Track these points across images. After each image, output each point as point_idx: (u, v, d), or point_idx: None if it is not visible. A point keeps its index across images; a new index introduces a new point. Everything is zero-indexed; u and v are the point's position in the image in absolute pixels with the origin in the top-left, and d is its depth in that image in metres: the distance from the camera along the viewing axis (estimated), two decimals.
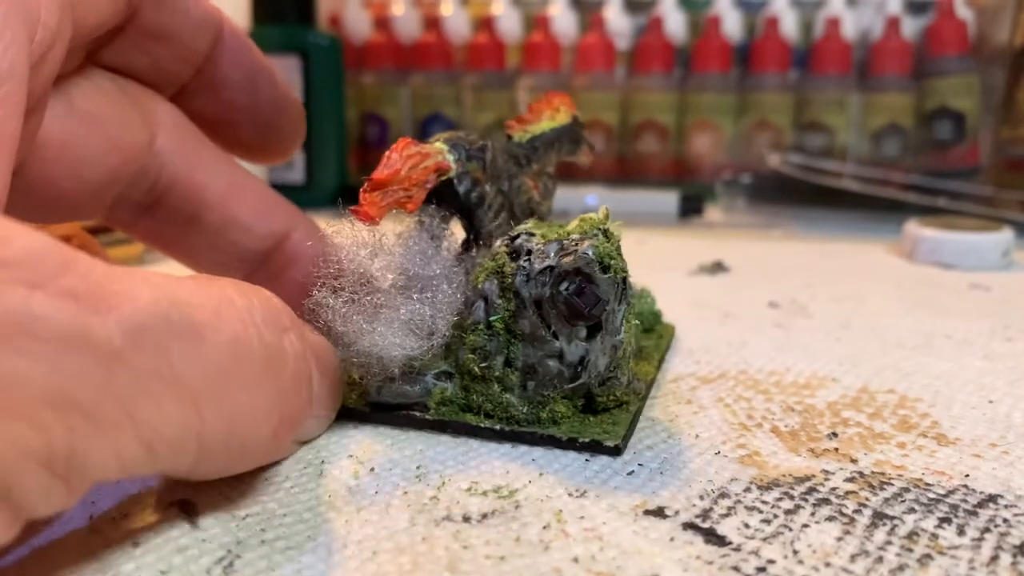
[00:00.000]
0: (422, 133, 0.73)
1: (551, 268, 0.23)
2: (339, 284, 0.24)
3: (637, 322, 0.29)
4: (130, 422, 0.15)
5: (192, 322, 0.16)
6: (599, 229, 0.23)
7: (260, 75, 0.28)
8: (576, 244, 0.23)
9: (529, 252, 0.24)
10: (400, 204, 0.25)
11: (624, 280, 0.23)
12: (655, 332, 0.33)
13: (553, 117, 0.31)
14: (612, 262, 0.23)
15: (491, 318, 0.24)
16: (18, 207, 0.25)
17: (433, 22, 0.76)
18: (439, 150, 0.26)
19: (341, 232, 0.24)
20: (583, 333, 0.23)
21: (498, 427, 0.24)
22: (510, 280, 0.23)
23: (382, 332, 0.23)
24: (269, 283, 0.23)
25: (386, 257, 0.24)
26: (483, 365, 0.24)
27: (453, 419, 0.24)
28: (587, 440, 0.23)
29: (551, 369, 0.24)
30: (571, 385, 0.24)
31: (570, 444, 0.23)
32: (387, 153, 0.25)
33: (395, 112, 0.75)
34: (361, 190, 0.24)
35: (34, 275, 0.14)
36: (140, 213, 0.27)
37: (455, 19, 0.75)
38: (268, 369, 0.18)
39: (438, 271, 0.24)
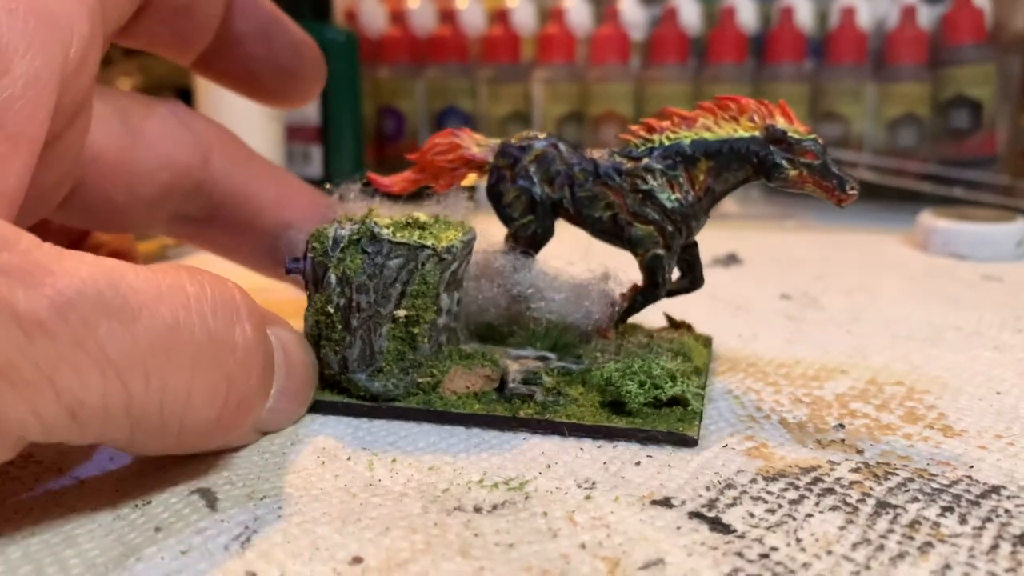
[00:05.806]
0: (437, 126, 0.73)
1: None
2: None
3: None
4: (50, 387, 0.16)
5: (126, 303, 0.17)
6: (361, 221, 0.25)
7: (273, 24, 0.29)
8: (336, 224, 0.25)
9: None
10: (429, 182, 0.29)
11: (324, 270, 0.24)
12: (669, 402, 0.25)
13: (712, 128, 0.26)
14: (315, 245, 0.25)
15: None
16: (77, 222, 0.27)
17: (448, 15, 0.76)
18: (482, 144, 0.29)
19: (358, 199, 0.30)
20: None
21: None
22: None
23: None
24: None
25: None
26: None
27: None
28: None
29: None
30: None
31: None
32: None
33: (411, 105, 0.75)
34: None
35: None
36: (199, 226, 0.29)
37: (470, 12, 0.75)
38: (211, 354, 0.19)
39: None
